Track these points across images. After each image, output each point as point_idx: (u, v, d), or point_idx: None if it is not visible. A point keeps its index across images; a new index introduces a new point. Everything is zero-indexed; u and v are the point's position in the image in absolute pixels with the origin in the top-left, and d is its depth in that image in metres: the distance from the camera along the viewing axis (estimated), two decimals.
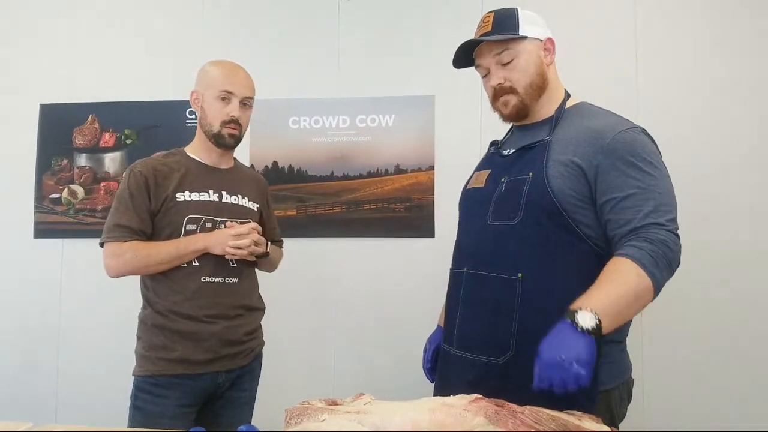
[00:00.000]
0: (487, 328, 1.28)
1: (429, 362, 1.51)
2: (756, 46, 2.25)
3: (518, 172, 1.31)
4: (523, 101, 1.34)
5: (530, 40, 1.33)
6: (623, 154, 1.21)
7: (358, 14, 2.48)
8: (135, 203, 1.55)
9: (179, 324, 1.54)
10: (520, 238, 1.25)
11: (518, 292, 1.24)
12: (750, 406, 2.15)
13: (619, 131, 1.24)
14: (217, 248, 1.55)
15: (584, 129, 1.27)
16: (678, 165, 2.22)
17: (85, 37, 2.59)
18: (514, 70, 1.32)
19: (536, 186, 1.24)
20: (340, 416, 0.91)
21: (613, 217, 1.21)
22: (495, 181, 1.36)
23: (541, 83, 1.34)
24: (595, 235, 1.24)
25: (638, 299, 1.15)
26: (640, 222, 1.18)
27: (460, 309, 1.35)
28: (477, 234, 1.36)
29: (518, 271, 1.24)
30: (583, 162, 1.23)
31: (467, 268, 1.35)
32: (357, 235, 2.42)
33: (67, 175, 2.55)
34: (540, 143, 1.30)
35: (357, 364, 2.37)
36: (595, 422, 0.95)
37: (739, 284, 2.19)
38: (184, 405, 1.53)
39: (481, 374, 1.27)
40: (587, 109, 1.35)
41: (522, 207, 1.26)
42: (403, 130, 2.42)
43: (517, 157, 1.36)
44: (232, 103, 1.60)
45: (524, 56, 1.32)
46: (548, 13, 2.45)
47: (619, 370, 1.29)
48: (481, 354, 1.28)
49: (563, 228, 1.23)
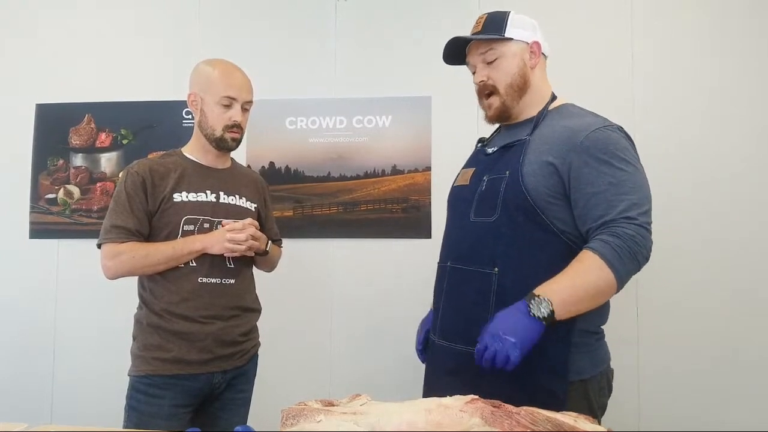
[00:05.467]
0: (466, 319, 1.35)
1: (421, 344, 1.57)
2: (755, 46, 2.26)
3: (497, 170, 1.37)
4: (505, 102, 1.41)
5: (515, 42, 1.40)
6: (595, 151, 1.27)
7: (354, 15, 2.48)
8: (132, 204, 1.55)
9: (175, 324, 1.53)
10: (497, 235, 1.32)
11: (494, 285, 1.31)
12: (749, 407, 2.16)
13: (592, 130, 1.29)
14: (215, 248, 1.55)
15: (561, 128, 1.33)
16: (677, 165, 2.26)
17: (82, 37, 2.59)
18: (496, 69, 1.40)
19: (512, 184, 1.31)
20: (336, 417, 0.91)
21: (585, 212, 1.26)
22: (478, 180, 1.42)
23: (522, 84, 1.40)
24: (569, 231, 1.30)
25: (599, 291, 1.22)
26: (611, 217, 1.23)
27: (443, 301, 1.42)
28: (460, 230, 1.43)
29: (495, 266, 1.31)
30: (556, 160, 1.29)
31: (450, 262, 1.42)
32: (354, 235, 2.42)
33: (63, 176, 2.55)
34: (519, 142, 1.37)
35: (353, 364, 2.37)
36: (591, 423, 0.95)
37: (738, 285, 2.20)
38: (179, 405, 1.53)
39: (461, 363, 1.32)
40: (568, 110, 1.40)
41: (499, 205, 1.33)
42: (399, 130, 2.42)
43: (498, 155, 1.42)
44: (234, 108, 1.61)
45: (507, 57, 1.40)
46: (546, 13, 2.46)
47: (597, 360, 1.34)
48: (461, 343, 1.34)
49: (537, 225, 1.29)
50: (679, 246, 2.23)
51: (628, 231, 1.21)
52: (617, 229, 1.21)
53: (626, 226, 1.22)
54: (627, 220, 1.22)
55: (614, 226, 1.22)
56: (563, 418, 0.91)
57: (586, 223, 1.27)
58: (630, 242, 1.20)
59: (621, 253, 1.20)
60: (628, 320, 2.23)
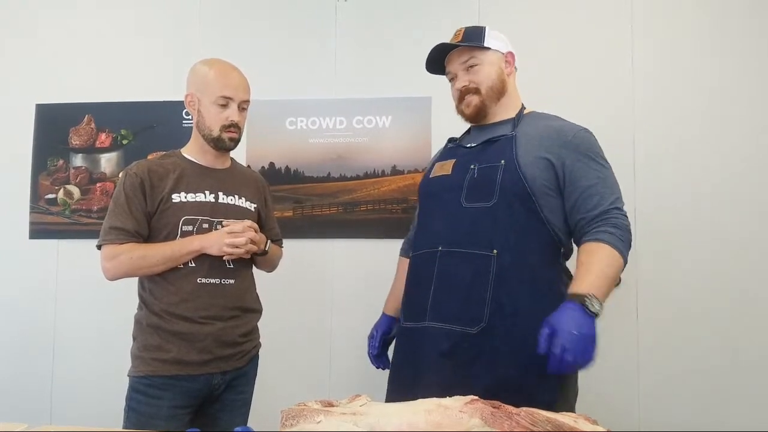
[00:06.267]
0: (463, 300, 1.40)
1: (376, 349, 1.69)
2: (755, 46, 2.26)
3: (488, 160, 1.47)
4: (484, 101, 1.53)
5: (493, 52, 1.54)
6: (584, 149, 1.43)
7: (354, 15, 2.48)
8: (131, 205, 1.55)
9: (174, 325, 1.53)
10: (495, 219, 1.41)
11: (493, 267, 1.39)
12: (749, 407, 2.15)
13: (577, 131, 1.45)
14: (214, 248, 1.55)
15: (545, 127, 1.47)
16: (677, 165, 2.26)
17: (82, 37, 2.59)
18: (477, 74, 1.52)
19: (509, 172, 1.41)
20: (335, 418, 0.91)
21: (580, 202, 1.40)
22: (463, 169, 1.50)
23: (501, 88, 1.54)
24: (555, 222, 1.42)
25: (615, 277, 1.36)
26: (606, 207, 1.38)
27: (435, 284, 1.45)
28: (450, 216, 1.48)
29: (493, 248, 1.39)
30: (550, 155, 1.42)
31: (441, 246, 1.47)
32: (354, 236, 2.42)
33: (62, 176, 2.55)
34: (504, 137, 1.48)
35: (353, 365, 2.37)
36: (591, 423, 0.95)
37: (738, 285, 2.20)
38: (178, 406, 1.53)
39: (456, 344, 1.39)
40: (543, 115, 1.55)
41: (497, 191, 1.42)
42: (399, 131, 2.42)
43: (482, 148, 1.52)
44: (231, 108, 1.60)
45: (486, 64, 1.53)
46: (546, 13, 2.46)
47: None
48: (457, 324, 1.39)
49: (530, 212, 1.40)
50: (679, 246, 2.23)
51: (624, 222, 1.38)
52: (615, 221, 1.36)
53: (620, 217, 1.38)
54: (617, 210, 1.38)
55: (611, 218, 1.37)
56: (563, 418, 0.91)
57: (579, 212, 1.40)
58: (626, 232, 1.37)
59: (625, 242, 1.36)
60: (628, 320, 2.22)
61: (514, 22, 2.37)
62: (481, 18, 2.38)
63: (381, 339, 1.70)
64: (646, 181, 2.26)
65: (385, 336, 1.71)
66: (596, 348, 1.23)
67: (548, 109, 1.58)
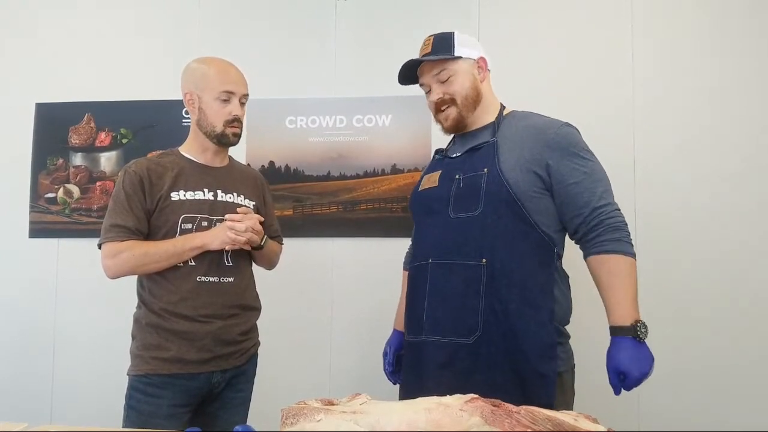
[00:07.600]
0: (456, 311, 1.41)
1: (391, 365, 1.69)
2: (755, 46, 2.25)
3: (472, 169, 1.46)
4: (461, 113, 1.52)
5: (464, 60, 1.52)
6: (566, 146, 1.41)
7: (354, 15, 2.48)
8: (131, 202, 1.55)
9: (174, 323, 1.53)
10: (483, 227, 1.41)
11: (483, 276, 1.38)
12: (749, 407, 2.15)
13: (557, 127, 1.43)
14: (215, 242, 1.54)
15: (523, 129, 1.46)
16: (677, 165, 2.25)
17: (82, 36, 2.59)
18: (451, 85, 1.51)
19: (493, 179, 1.41)
20: (336, 416, 0.91)
21: (569, 200, 1.40)
22: (449, 179, 1.50)
23: (476, 97, 1.52)
24: (544, 223, 1.41)
25: (637, 283, 1.39)
26: (596, 203, 1.38)
27: (428, 297, 1.46)
28: (439, 227, 1.48)
29: (482, 257, 1.39)
30: (532, 157, 1.40)
31: (432, 259, 1.47)
32: (353, 235, 2.42)
33: (62, 175, 2.55)
34: (486, 144, 1.47)
35: (353, 364, 2.37)
36: (591, 422, 0.95)
37: (738, 285, 2.20)
38: (178, 405, 1.53)
39: (453, 355, 1.39)
40: (522, 114, 1.53)
41: (482, 199, 1.41)
42: (399, 129, 2.42)
43: (466, 157, 1.51)
44: (233, 103, 1.62)
45: (460, 74, 1.51)
46: (546, 13, 2.46)
47: (566, 356, 1.44)
48: (452, 336, 1.40)
49: (518, 217, 1.39)
50: (679, 246, 2.23)
51: (620, 219, 1.38)
52: (612, 221, 1.37)
53: (615, 214, 1.38)
54: (610, 206, 1.39)
55: (607, 219, 1.37)
56: (563, 417, 0.91)
57: (574, 209, 1.40)
58: (626, 230, 1.39)
59: (629, 242, 1.38)
60: None
61: (513, 22, 2.37)
62: (481, 18, 2.38)
63: (394, 355, 1.70)
64: (646, 181, 2.26)
65: (398, 352, 1.71)
66: (653, 361, 1.31)
67: (548, 109, 1.57)
